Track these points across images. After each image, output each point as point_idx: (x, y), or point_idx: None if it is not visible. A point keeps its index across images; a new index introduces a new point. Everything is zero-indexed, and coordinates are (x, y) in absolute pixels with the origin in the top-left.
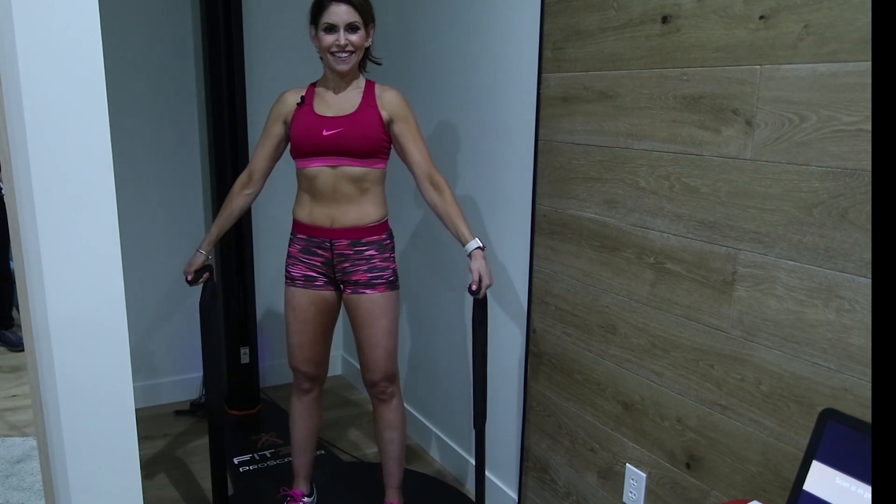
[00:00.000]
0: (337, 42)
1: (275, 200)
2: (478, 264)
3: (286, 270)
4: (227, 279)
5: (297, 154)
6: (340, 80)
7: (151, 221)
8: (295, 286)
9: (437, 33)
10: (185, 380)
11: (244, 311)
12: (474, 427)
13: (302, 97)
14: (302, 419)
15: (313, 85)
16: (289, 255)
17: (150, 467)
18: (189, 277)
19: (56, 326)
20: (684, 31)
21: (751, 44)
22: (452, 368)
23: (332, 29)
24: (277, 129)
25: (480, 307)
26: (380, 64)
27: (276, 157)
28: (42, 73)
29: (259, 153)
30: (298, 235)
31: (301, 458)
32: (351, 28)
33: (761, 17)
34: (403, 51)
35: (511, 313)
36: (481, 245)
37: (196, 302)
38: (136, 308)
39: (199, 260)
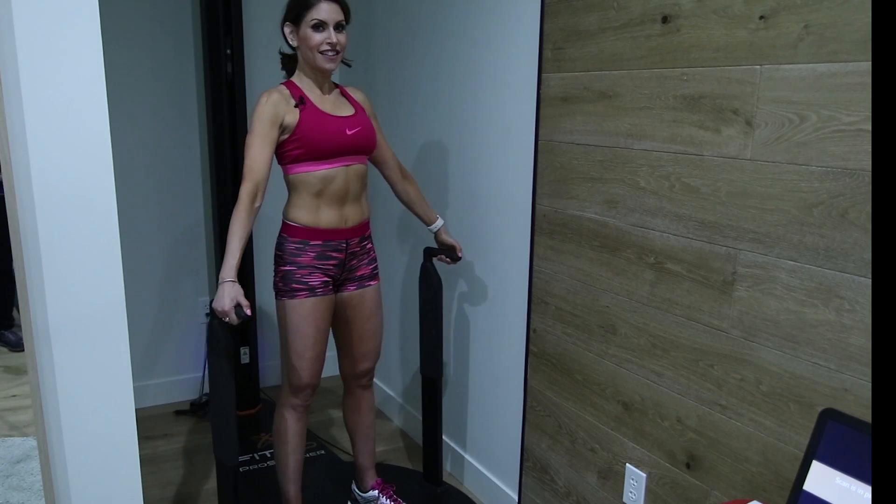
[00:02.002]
0: (328, 40)
1: (273, 201)
2: (450, 236)
3: (299, 283)
4: None
5: (315, 157)
6: (324, 81)
7: (151, 221)
8: (315, 296)
9: (437, 33)
10: (185, 380)
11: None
12: (431, 377)
13: (302, 98)
14: (300, 440)
15: (293, 85)
16: (301, 266)
17: (150, 467)
18: (248, 311)
19: (56, 326)
20: (684, 31)
21: (751, 44)
22: (451, 368)
23: (321, 27)
24: (275, 133)
25: (434, 269)
26: (349, 66)
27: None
28: (42, 74)
29: (261, 161)
30: (312, 242)
31: (298, 484)
32: (338, 27)
33: (761, 17)
34: (403, 51)
35: (511, 313)
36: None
37: (194, 302)
38: (136, 308)
39: (241, 291)
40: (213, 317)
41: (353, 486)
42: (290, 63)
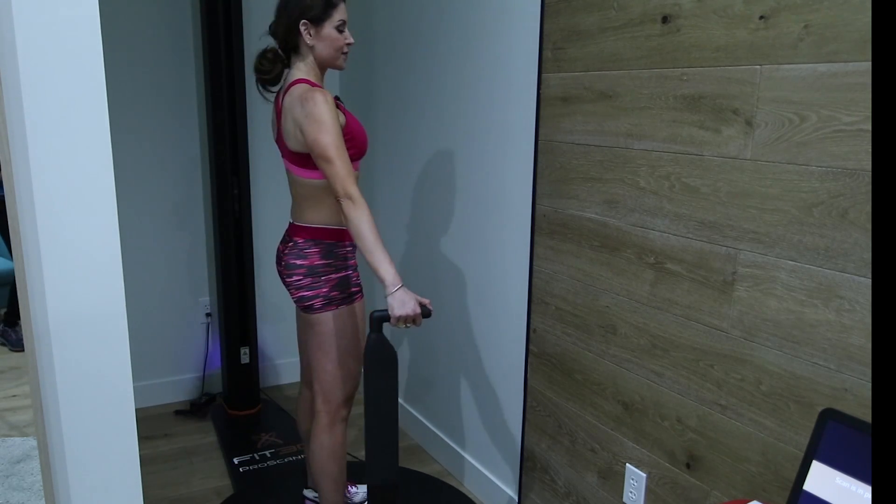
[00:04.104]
0: (348, 40)
1: (273, 201)
2: None
3: (356, 285)
4: (226, 280)
5: (360, 157)
6: (324, 82)
7: (151, 221)
8: (362, 295)
9: (437, 33)
10: (185, 380)
11: (244, 311)
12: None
13: (338, 97)
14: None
15: (317, 85)
16: (354, 269)
17: (150, 467)
18: (431, 307)
19: (56, 326)
20: (684, 31)
21: (751, 44)
22: (451, 368)
23: (343, 27)
24: None
25: None
26: None
27: None
28: (42, 73)
29: (350, 164)
30: (349, 245)
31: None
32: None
33: (761, 17)
34: (403, 51)
35: (511, 313)
36: None
37: (194, 302)
38: (136, 308)
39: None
40: (375, 330)
41: (310, 493)
42: (277, 65)
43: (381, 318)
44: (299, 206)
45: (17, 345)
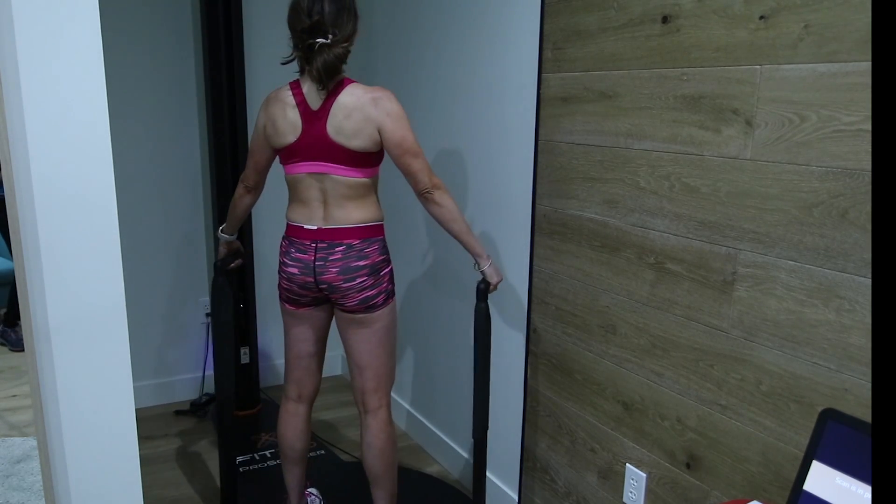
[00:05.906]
0: None
1: (274, 201)
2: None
3: (395, 282)
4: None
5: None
6: None
7: (151, 221)
8: None
9: (438, 33)
10: (185, 380)
11: (244, 311)
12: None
13: None
14: None
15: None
16: (392, 264)
17: (150, 467)
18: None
19: (56, 326)
20: (684, 31)
21: (751, 44)
22: (451, 368)
23: None
24: None
25: (227, 283)
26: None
27: None
28: (42, 73)
29: None
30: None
31: None
32: None
33: (761, 17)
34: (403, 51)
35: (511, 313)
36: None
37: (194, 302)
38: (136, 308)
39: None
40: (482, 300)
41: None
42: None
43: (486, 288)
44: (342, 207)
45: (17, 345)
